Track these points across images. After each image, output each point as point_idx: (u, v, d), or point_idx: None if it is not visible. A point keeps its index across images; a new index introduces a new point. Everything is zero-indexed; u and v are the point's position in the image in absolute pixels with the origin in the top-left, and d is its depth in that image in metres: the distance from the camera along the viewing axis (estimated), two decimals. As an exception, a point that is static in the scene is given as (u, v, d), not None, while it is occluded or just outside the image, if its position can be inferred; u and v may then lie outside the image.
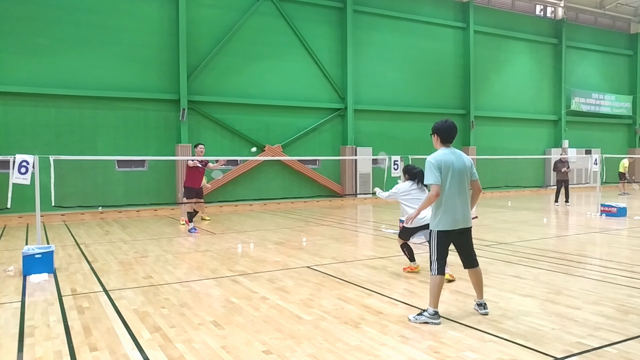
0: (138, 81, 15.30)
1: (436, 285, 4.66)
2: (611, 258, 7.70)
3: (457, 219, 4.65)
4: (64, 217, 13.77)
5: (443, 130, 4.73)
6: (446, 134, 4.73)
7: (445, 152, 4.69)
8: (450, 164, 4.59)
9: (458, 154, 4.73)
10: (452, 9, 21.55)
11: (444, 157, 4.62)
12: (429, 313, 4.63)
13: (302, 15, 17.97)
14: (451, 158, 4.63)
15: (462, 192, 4.67)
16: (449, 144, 4.77)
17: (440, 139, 4.77)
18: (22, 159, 7.38)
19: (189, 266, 7.54)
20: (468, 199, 4.76)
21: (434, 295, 4.66)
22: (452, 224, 4.64)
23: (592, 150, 24.58)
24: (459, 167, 4.63)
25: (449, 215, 4.61)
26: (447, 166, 4.58)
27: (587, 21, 26.12)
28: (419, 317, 4.65)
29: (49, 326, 4.73)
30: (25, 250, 6.99)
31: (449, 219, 4.62)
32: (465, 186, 4.71)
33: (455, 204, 4.62)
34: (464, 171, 4.67)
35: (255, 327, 4.64)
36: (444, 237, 4.69)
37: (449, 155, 4.65)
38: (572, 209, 15.53)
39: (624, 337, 4.24)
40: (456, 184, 4.61)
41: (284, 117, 17.66)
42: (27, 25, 13.87)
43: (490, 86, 22.65)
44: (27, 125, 13.98)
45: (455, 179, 4.60)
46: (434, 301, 4.66)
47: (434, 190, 4.54)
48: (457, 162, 4.64)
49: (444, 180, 4.57)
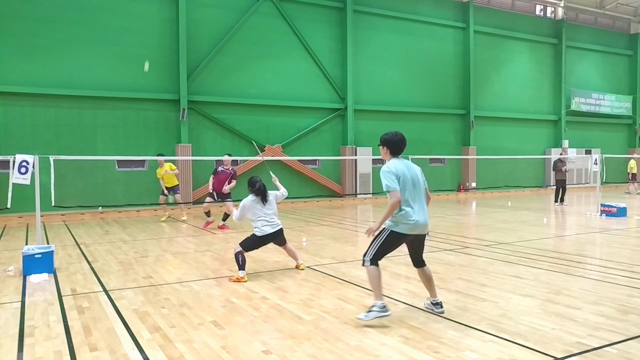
0: (138, 81, 15.30)
1: (375, 277, 4.67)
2: (611, 258, 7.70)
3: (415, 225, 4.67)
4: (64, 217, 13.77)
5: (393, 143, 4.81)
6: (396, 146, 4.81)
7: (397, 161, 4.76)
8: (404, 173, 4.67)
9: (407, 163, 4.83)
10: (452, 9, 21.56)
11: (398, 166, 4.69)
12: (377, 307, 4.60)
13: (302, 15, 17.98)
14: (403, 167, 4.72)
15: (418, 198, 4.73)
16: (397, 156, 4.84)
17: (390, 151, 4.83)
18: (22, 159, 7.38)
19: (189, 266, 7.54)
20: (424, 206, 4.81)
21: (375, 287, 4.66)
22: (409, 229, 4.66)
23: (592, 150, 24.60)
24: (411, 176, 4.71)
25: (408, 220, 4.63)
26: (402, 174, 4.64)
27: (587, 21, 26.13)
28: (369, 314, 4.61)
29: (49, 326, 4.73)
30: (25, 250, 6.99)
31: (407, 225, 4.65)
32: (421, 193, 4.78)
33: (414, 210, 4.65)
34: (416, 179, 4.76)
35: (255, 327, 4.64)
36: (394, 239, 4.72)
37: (401, 165, 4.73)
38: (572, 209, 15.54)
39: (624, 337, 4.24)
40: (412, 191, 4.68)
41: (284, 117, 17.66)
42: (27, 25, 13.87)
43: (490, 86, 22.66)
44: (27, 125, 13.98)
45: (410, 187, 4.67)
46: (377, 293, 4.65)
47: (395, 197, 4.54)
48: (409, 171, 4.73)
49: (402, 188, 4.61)
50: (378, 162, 18.48)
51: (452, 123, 21.69)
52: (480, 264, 7.32)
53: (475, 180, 22.02)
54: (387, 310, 4.62)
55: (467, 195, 21.39)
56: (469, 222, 13.10)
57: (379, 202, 18.68)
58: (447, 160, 21.42)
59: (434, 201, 19.44)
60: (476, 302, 5.31)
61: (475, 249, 8.60)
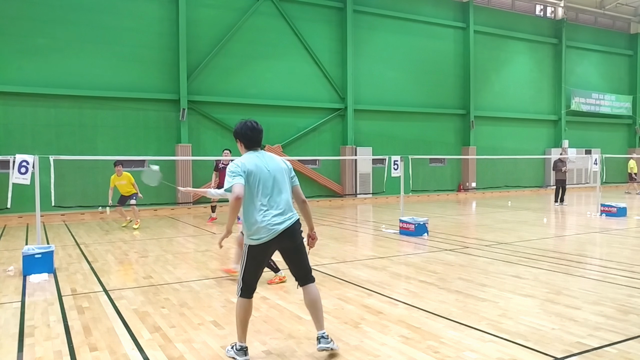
0: (138, 81, 15.31)
1: (240, 312, 3.87)
2: (611, 258, 7.70)
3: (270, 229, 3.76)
4: (64, 217, 13.77)
5: (243, 134, 3.93)
6: (248, 138, 3.94)
7: (251, 155, 3.90)
8: (256, 168, 3.80)
9: (268, 157, 3.94)
10: (452, 9, 21.56)
11: (248, 160, 3.84)
12: (235, 348, 3.89)
13: (302, 15, 17.98)
14: (256, 161, 3.85)
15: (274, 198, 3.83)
16: (256, 148, 3.98)
17: (243, 145, 3.97)
18: (22, 159, 7.38)
19: (189, 266, 7.54)
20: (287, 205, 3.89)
21: (238, 324, 3.88)
22: (265, 234, 3.76)
23: (592, 150, 24.60)
24: (269, 172, 3.84)
25: (263, 226, 3.75)
26: (252, 171, 3.78)
27: (587, 21, 26.13)
28: (229, 351, 3.94)
29: (49, 326, 4.73)
30: (25, 250, 6.99)
31: (263, 231, 3.76)
32: (282, 192, 3.88)
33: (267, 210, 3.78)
34: (277, 176, 3.87)
35: (255, 327, 4.63)
36: (255, 253, 3.83)
37: (254, 159, 3.86)
38: (572, 209, 15.54)
39: (624, 337, 4.24)
40: (265, 191, 3.79)
41: (284, 117, 17.65)
42: (27, 25, 13.87)
43: (490, 86, 22.66)
44: (27, 125, 13.98)
45: (261, 186, 3.79)
46: (239, 332, 3.88)
47: (235, 192, 3.63)
48: (265, 166, 3.85)
49: (252, 188, 3.77)
50: (378, 162, 18.49)
51: (452, 123, 21.69)
52: (480, 264, 7.32)
53: (475, 180, 22.02)
54: (244, 355, 3.83)
55: (467, 195, 21.39)
56: (469, 222, 13.10)
57: (379, 202, 18.68)
58: (447, 160, 21.42)
59: (434, 201, 19.45)
60: (476, 302, 5.31)
61: (475, 249, 8.60)
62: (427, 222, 10.31)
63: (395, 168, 11.74)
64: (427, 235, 10.08)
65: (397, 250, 8.75)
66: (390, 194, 17.79)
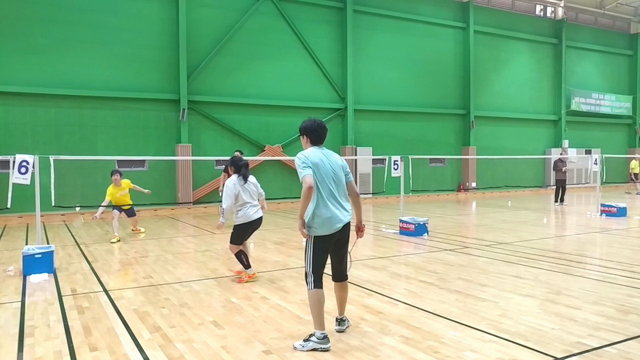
0: (138, 81, 15.31)
1: (315, 302, 4.05)
2: (611, 258, 7.70)
3: (331, 221, 4.07)
4: (64, 217, 13.77)
5: (312, 131, 4.23)
6: (316, 134, 4.23)
7: (315, 150, 4.20)
8: (320, 162, 4.10)
9: (327, 152, 4.26)
10: (452, 9, 21.56)
11: (313, 154, 4.13)
12: (316, 337, 4.01)
13: (302, 15, 17.98)
14: (320, 156, 4.14)
15: (337, 193, 4.16)
16: (320, 145, 4.27)
17: (310, 140, 4.26)
18: (22, 159, 7.38)
19: (189, 266, 7.54)
20: (345, 201, 4.22)
21: (315, 315, 4.05)
22: (327, 227, 4.08)
23: (592, 150, 24.61)
24: (330, 166, 4.15)
25: (324, 218, 4.05)
26: (317, 164, 4.07)
27: (587, 21, 26.13)
28: (306, 344, 4.03)
29: (49, 326, 4.73)
30: (25, 250, 6.99)
31: (328, 222, 4.06)
32: (341, 188, 4.22)
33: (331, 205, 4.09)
34: (336, 171, 4.19)
35: (255, 327, 4.64)
36: (320, 244, 4.11)
37: (318, 154, 4.16)
38: (572, 209, 15.54)
39: (624, 337, 4.24)
40: (328, 184, 4.10)
41: (284, 117, 17.65)
42: (27, 25, 13.87)
43: (490, 86, 22.66)
44: (27, 125, 13.98)
45: (326, 179, 4.10)
46: (317, 322, 4.04)
47: (306, 184, 3.91)
48: (327, 161, 4.15)
49: (317, 181, 4.04)
50: (378, 162, 18.50)
51: (452, 123, 21.69)
52: (480, 264, 7.32)
53: (475, 180, 22.01)
54: (327, 342, 4.02)
55: (467, 195, 21.39)
56: (469, 222, 13.09)
57: (379, 202, 18.68)
58: (447, 160, 21.42)
59: (434, 201, 19.45)
60: (476, 302, 5.31)
61: (475, 249, 8.60)
62: (427, 222, 10.31)
63: (395, 168, 11.74)
64: (427, 235, 10.08)
65: (397, 250, 8.75)
66: (390, 194, 17.79)
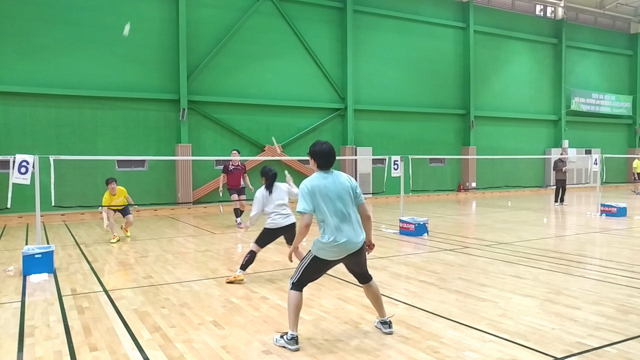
0: (138, 81, 15.30)
1: (291, 303, 4.13)
2: (611, 258, 7.70)
3: (342, 249, 4.08)
4: (64, 217, 13.77)
5: (320, 155, 4.18)
6: (323, 159, 4.19)
7: (320, 176, 4.18)
8: (323, 187, 4.09)
9: (336, 175, 4.21)
10: (452, 9, 21.55)
11: (315, 180, 4.13)
12: (287, 337, 4.08)
13: (302, 15, 17.98)
14: (324, 182, 4.12)
15: (345, 217, 4.10)
16: (326, 169, 4.23)
17: (317, 164, 4.22)
18: (22, 159, 7.38)
19: (189, 266, 7.54)
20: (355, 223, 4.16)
21: (289, 315, 4.13)
22: (335, 254, 4.11)
23: (592, 150, 24.59)
24: (336, 192, 4.11)
25: (324, 243, 4.08)
26: (317, 188, 4.08)
27: (587, 21, 26.12)
28: (278, 340, 4.15)
29: (49, 326, 4.73)
30: (25, 250, 6.99)
31: (333, 249, 4.08)
32: (349, 210, 4.14)
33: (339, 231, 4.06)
34: (342, 195, 4.12)
35: (255, 327, 4.64)
36: (318, 264, 4.18)
37: (322, 180, 4.14)
38: (572, 209, 15.54)
39: (624, 337, 4.24)
40: (329, 209, 4.08)
41: (284, 117, 17.65)
42: (27, 25, 13.87)
43: (490, 86, 22.65)
44: (27, 125, 13.98)
45: (332, 205, 4.08)
46: (290, 322, 4.12)
47: (304, 220, 4.02)
48: (332, 185, 4.12)
49: (321, 208, 4.06)
50: (378, 162, 18.49)
51: (452, 123, 21.68)
52: (480, 264, 7.32)
53: (475, 180, 22.01)
54: (294, 344, 4.04)
55: (467, 195, 21.39)
56: (469, 222, 13.10)
57: (378, 202, 18.68)
58: (447, 160, 21.42)
59: (434, 201, 19.45)
60: (476, 302, 5.31)
61: (475, 249, 8.60)
62: (427, 222, 10.31)
63: (395, 168, 11.74)
64: (427, 235, 10.08)
65: (397, 250, 8.75)
66: (390, 194, 17.79)
